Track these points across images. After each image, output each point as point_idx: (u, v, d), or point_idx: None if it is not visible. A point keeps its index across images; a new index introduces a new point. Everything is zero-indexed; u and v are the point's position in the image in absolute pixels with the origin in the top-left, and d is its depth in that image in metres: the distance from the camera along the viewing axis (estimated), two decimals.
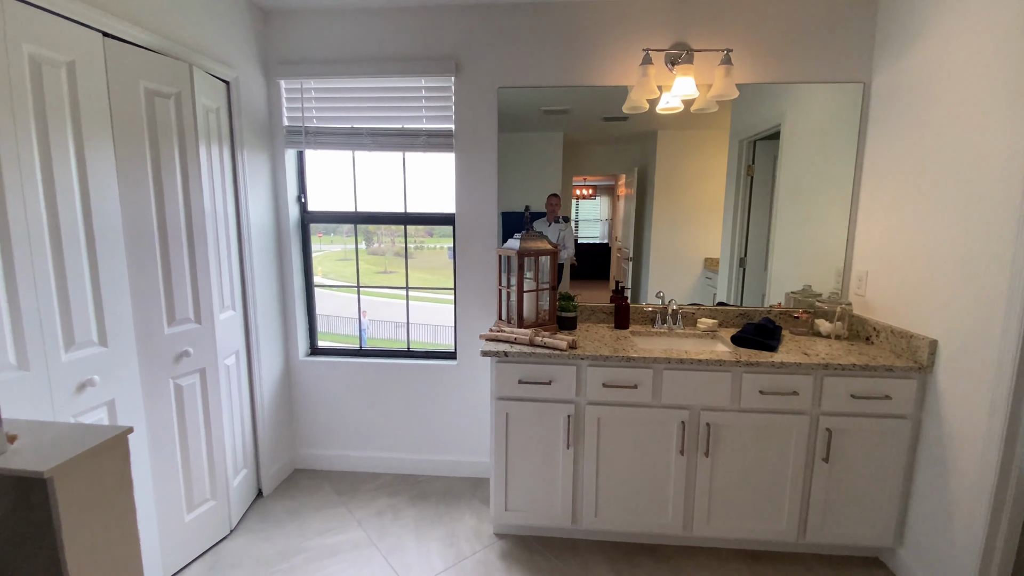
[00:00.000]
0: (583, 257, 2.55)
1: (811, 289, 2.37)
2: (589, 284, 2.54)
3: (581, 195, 2.47)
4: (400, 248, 15.64)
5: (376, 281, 10.15)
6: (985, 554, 1.55)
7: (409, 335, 2.76)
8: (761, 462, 1.94)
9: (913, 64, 1.93)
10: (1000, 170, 1.54)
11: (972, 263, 1.63)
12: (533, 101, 2.33)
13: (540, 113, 2.35)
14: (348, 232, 2.96)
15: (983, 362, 1.58)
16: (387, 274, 8.38)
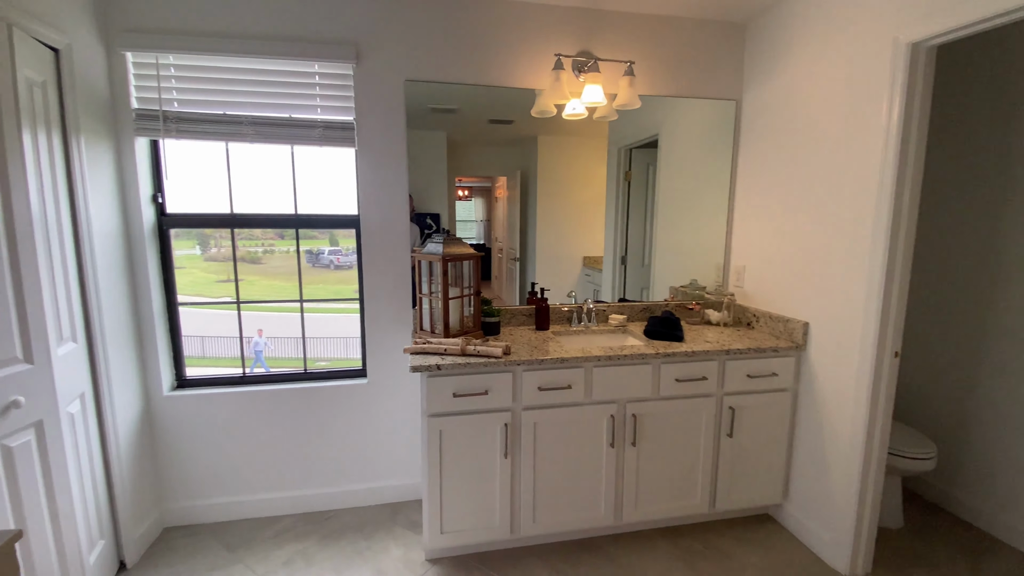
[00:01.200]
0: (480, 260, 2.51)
1: (697, 283, 2.65)
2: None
3: (458, 196, 2.42)
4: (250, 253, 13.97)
5: (215, 292, 8.84)
6: (860, 497, 1.88)
7: (306, 354, 2.44)
8: (678, 444, 2.10)
9: (776, 87, 2.25)
10: (854, 178, 1.87)
11: (835, 255, 1.96)
12: (421, 98, 2.21)
13: (427, 111, 2.24)
14: (183, 237, 2.49)
15: (848, 339, 1.91)
16: (228, 283, 7.34)
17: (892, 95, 1.71)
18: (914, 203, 1.74)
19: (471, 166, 2.41)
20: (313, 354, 8.52)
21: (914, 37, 1.64)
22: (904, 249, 1.75)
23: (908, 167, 1.71)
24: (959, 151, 2.33)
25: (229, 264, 2.31)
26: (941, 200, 2.42)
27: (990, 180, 2.21)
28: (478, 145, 2.39)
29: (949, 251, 2.38)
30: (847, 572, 1.93)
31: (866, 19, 1.81)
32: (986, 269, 2.23)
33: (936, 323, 2.45)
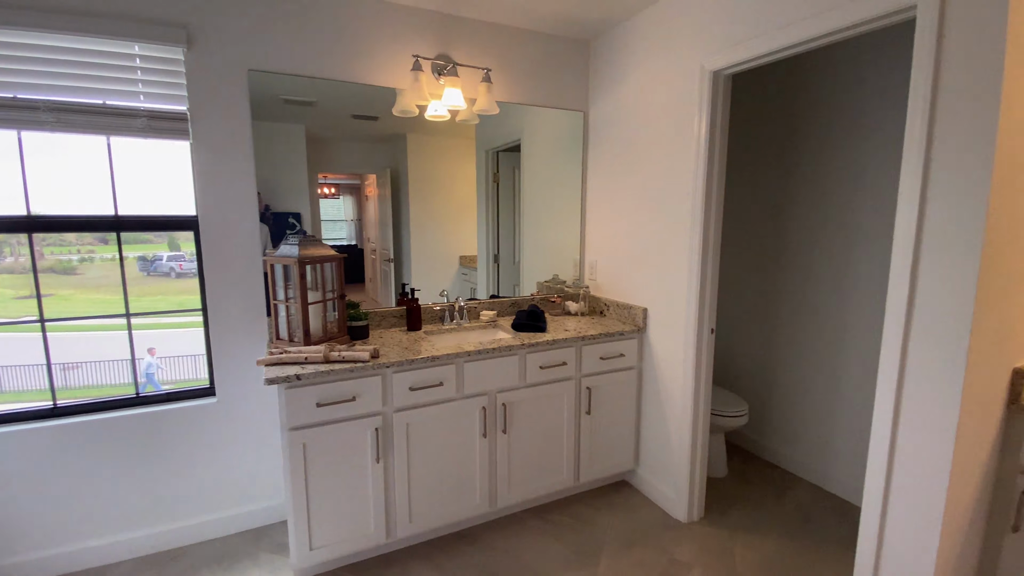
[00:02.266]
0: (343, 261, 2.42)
1: (558, 277, 2.87)
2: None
3: (323, 194, 2.35)
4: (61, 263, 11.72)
5: (13, 311, 7.28)
6: (692, 454, 2.21)
7: (136, 376, 2.13)
8: (545, 427, 2.26)
9: (616, 101, 2.53)
10: (677, 183, 2.18)
11: (665, 249, 2.27)
12: (272, 87, 2.08)
13: (280, 102, 2.13)
14: None
15: (676, 320, 2.23)
16: (28, 299, 6.03)
17: (700, 113, 2.03)
18: (719, 204, 2.08)
19: (336, 162, 2.32)
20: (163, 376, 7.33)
21: (715, 66, 1.97)
22: (713, 244, 2.09)
23: (714, 173, 2.05)
24: (757, 159, 2.83)
25: (30, 276, 1.92)
26: (745, 202, 2.92)
27: (777, 185, 2.73)
28: (342, 141, 2.30)
29: (751, 244, 2.89)
30: (685, 519, 2.26)
31: (680, 48, 2.12)
32: (777, 258, 2.75)
33: (744, 304, 2.96)
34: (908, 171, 1.39)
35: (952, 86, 1.30)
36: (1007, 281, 1.35)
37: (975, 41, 1.25)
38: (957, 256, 1.31)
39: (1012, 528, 1.49)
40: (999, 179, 1.25)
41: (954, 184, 1.31)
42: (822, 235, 2.51)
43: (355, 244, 2.52)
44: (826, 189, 2.48)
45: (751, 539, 2.15)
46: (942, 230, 1.34)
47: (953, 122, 1.30)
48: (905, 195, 1.41)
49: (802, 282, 2.62)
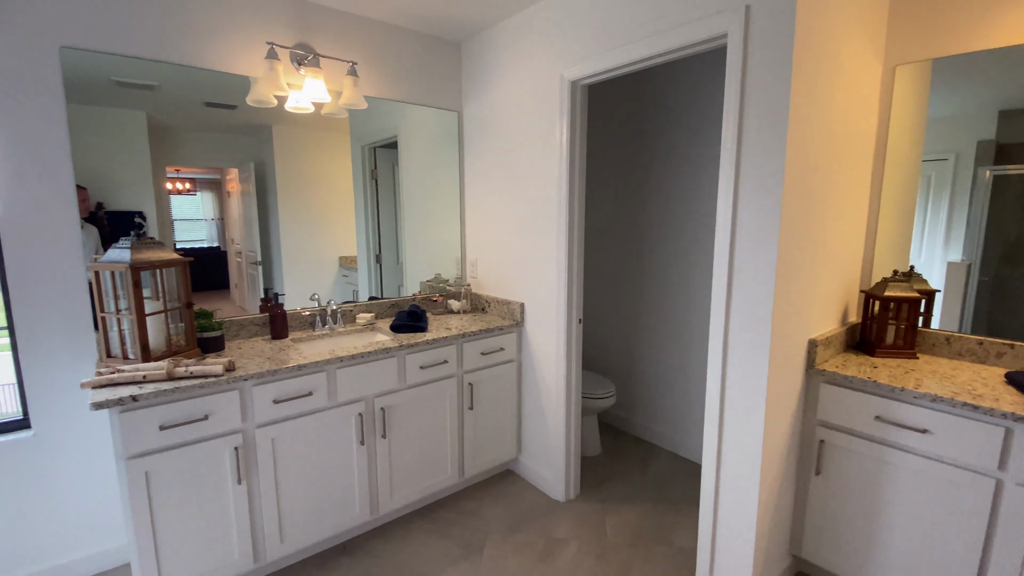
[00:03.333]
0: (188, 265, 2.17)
1: (441, 276, 2.87)
2: (204, 296, 2.22)
3: (176, 189, 2.12)
4: None
5: None
6: (567, 436, 2.35)
7: None
8: (428, 427, 2.26)
9: (488, 103, 2.59)
10: (544, 184, 2.30)
11: (537, 246, 2.38)
12: (101, 67, 1.81)
13: (111, 84, 1.87)
14: None
15: (548, 312, 2.36)
16: None
17: (562, 119, 2.17)
18: (581, 205, 2.24)
19: (190, 154, 2.07)
20: None
21: (572, 76, 2.11)
22: (578, 241, 2.24)
23: (576, 176, 2.20)
24: (621, 161, 3.09)
25: None
26: (609, 200, 3.17)
27: (635, 186, 3.00)
28: (196, 130, 2.06)
29: (615, 240, 3.15)
30: (563, 499, 2.41)
31: (542, 57, 2.24)
32: (638, 252, 3.03)
33: (610, 295, 3.22)
34: (725, 177, 1.62)
35: (754, 105, 1.54)
36: (797, 270, 1.64)
37: (770, 69, 1.49)
38: (760, 249, 1.56)
39: (815, 472, 1.81)
40: (789, 185, 1.51)
41: (756, 188, 1.55)
42: (672, 232, 2.82)
43: (218, 246, 2.28)
44: (673, 190, 2.78)
45: (620, 509, 2.35)
46: (749, 227, 1.58)
47: (755, 137, 1.54)
48: (723, 197, 1.63)
49: (658, 273, 2.92)
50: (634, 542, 2.13)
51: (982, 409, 1.42)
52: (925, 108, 1.88)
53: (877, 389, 1.63)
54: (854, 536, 1.73)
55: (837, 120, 1.71)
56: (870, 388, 1.65)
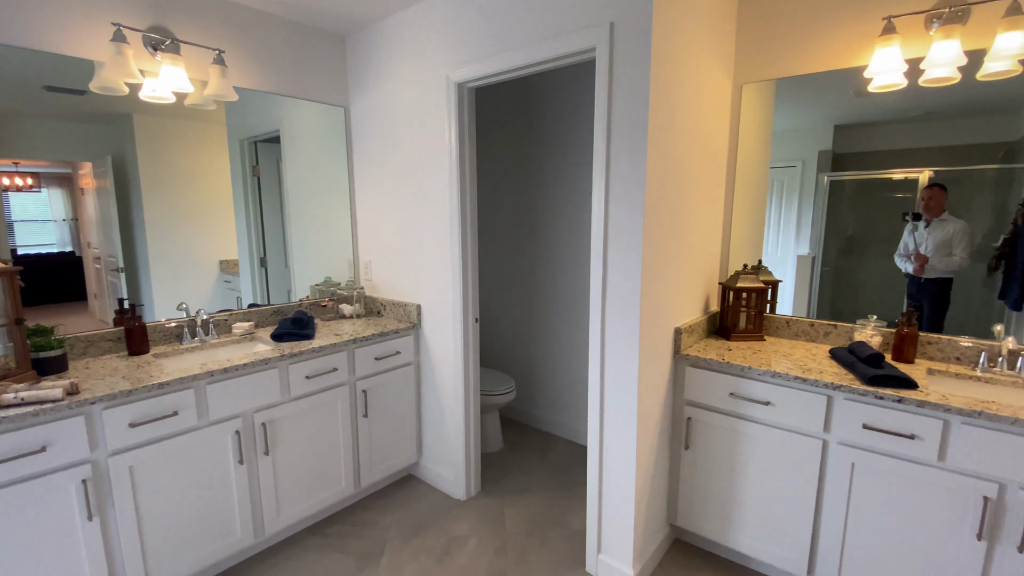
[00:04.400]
0: (34, 274, 1.88)
1: (331, 280, 2.75)
2: (56, 310, 1.94)
3: (14, 185, 1.84)
4: None
5: None
6: (466, 435, 2.38)
7: None
8: (317, 438, 2.16)
9: (376, 100, 2.53)
10: (435, 185, 2.30)
11: (432, 247, 2.38)
12: None
13: None
14: None
15: (445, 313, 2.36)
16: None
17: (450, 120, 2.18)
18: (473, 205, 2.27)
19: (29, 145, 1.78)
20: None
21: (458, 78, 2.13)
22: (472, 241, 2.28)
23: (466, 176, 2.23)
24: (517, 161, 3.17)
25: None
26: (503, 201, 3.24)
27: (528, 186, 3.11)
28: (35, 117, 1.78)
29: (510, 240, 3.23)
30: (464, 497, 2.43)
31: (428, 57, 2.24)
32: (533, 251, 3.14)
33: (506, 293, 3.30)
34: (597, 183, 1.74)
35: (620, 116, 1.67)
36: (662, 267, 1.81)
37: (632, 82, 1.63)
38: (628, 249, 1.70)
39: (685, 446, 2.01)
40: (651, 191, 1.66)
41: (623, 194, 1.68)
42: (564, 231, 2.96)
43: (72, 251, 1.98)
44: (564, 191, 2.92)
45: (520, 500, 2.43)
46: (619, 229, 1.71)
47: (621, 144, 1.67)
48: (596, 202, 1.75)
49: (552, 271, 3.05)
50: (531, 530, 2.21)
51: (809, 381, 1.68)
52: (771, 121, 2.16)
53: (730, 369, 1.85)
54: (719, 500, 1.95)
55: (693, 131, 1.91)
56: (725, 369, 1.86)
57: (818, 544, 1.74)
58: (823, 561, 1.73)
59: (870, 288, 2.02)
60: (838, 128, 2.02)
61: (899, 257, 1.94)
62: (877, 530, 1.62)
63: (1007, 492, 1.41)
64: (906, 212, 1.91)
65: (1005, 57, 1.60)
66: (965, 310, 1.83)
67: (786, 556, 1.81)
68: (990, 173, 1.75)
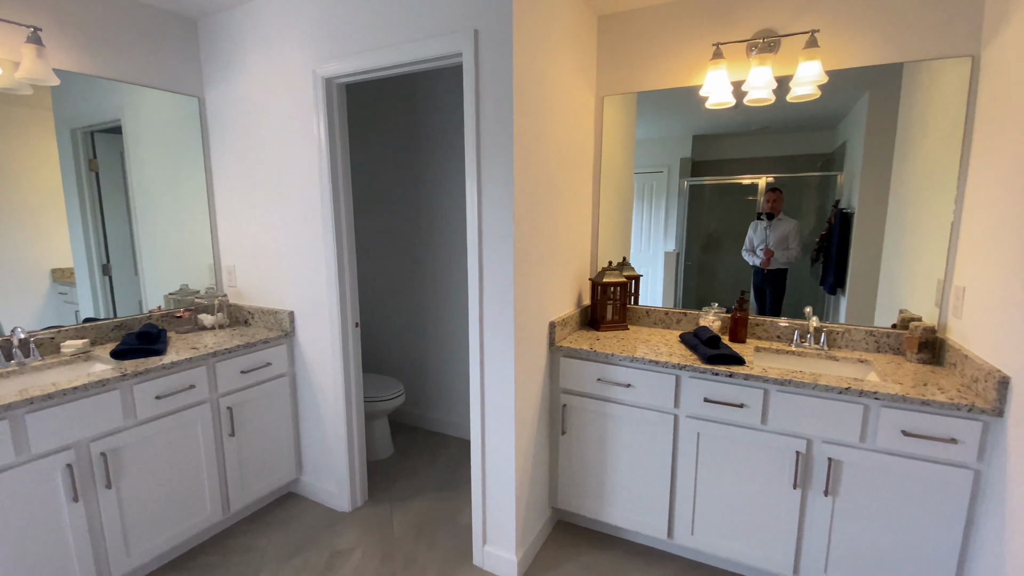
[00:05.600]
0: None
1: (188, 287, 2.49)
2: None
3: None
4: None
5: None
6: (349, 445, 2.29)
7: None
8: (173, 463, 1.94)
9: (236, 91, 2.34)
10: (305, 183, 2.19)
11: (304, 250, 2.26)
12: None
13: None
14: None
15: (321, 318, 2.26)
16: None
17: (319, 116, 2.09)
18: (348, 205, 2.20)
19: None
20: None
21: (326, 74, 2.05)
22: (348, 243, 2.20)
23: (339, 176, 2.15)
24: (395, 166, 3.12)
25: None
26: (387, 202, 3.18)
27: (411, 188, 3.08)
28: None
29: (394, 241, 3.18)
30: (349, 509, 2.35)
31: (294, 49, 2.12)
32: (420, 253, 3.11)
33: (392, 295, 3.24)
34: (470, 185, 1.79)
35: (488, 121, 1.73)
36: (533, 265, 1.91)
37: (498, 88, 1.69)
38: (501, 248, 1.76)
39: (562, 432, 2.14)
40: (519, 193, 1.75)
41: (494, 196, 1.75)
42: (449, 231, 2.98)
43: None
44: (448, 191, 2.94)
45: (409, 505, 2.40)
46: (492, 229, 1.78)
47: (490, 146, 1.74)
48: (470, 204, 1.80)
49: (438, 271, 3.05)
50: (420, 533, 2.20)
51: (661, 363, 1.88)
52: (634, 130, 2.37)
53: (597, 357, 2.00)
54: (593, 479, 2.11)
55: (560, 138, 2.04)
56: (593, 357, 2.02)
57: (675, 506, 1.96)
58: (679, 520, 1.95)
59: (725, 279, 2.31)
60: (696, 138, 2.27)
61: (746, 252, 2.25)
62: (720, 488, 1.87)
63: (813, 446, 1.70)
64: (761, 213, 2.20)
65: (806, 83, 1.93)
66: (798, 296, 2.16)
67: (650, 522, 2.00)
68: (813, 180, 2.09)
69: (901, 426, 1.55)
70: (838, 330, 2.04)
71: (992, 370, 1.45)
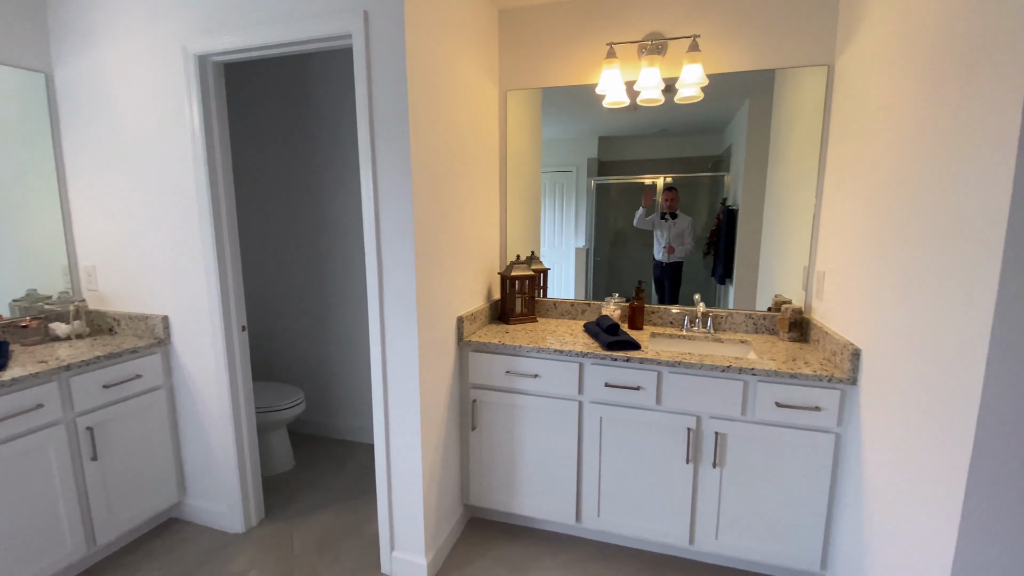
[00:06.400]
0: None
1: (37, 293, 2.14)
2: None
3: None
4: None
5: None
6: (239, 462, 2.09)
7: None
8: (20, 496, 1.65)
9: (91, 69, 2.04)
10: (175, 174, 1.96)
11: (180, 248, 2.02)
12: None
13: None
14: None
15: (201, 324, 2.04)
16: None
17: (191, 98, 1.88)
18: (230, 198, 2.01)
19: None
20: None
21: (198, 50, 1.85)
22: (230, 238, 2.01)
23: (218, 166, 1.95)
24: (292, 156, 2.90)
25: None
26: (282, 197, 2.95)
27: (315, 182, 2.88)
28: None
29: (291, 238, 2.96)
30: (242, 530, 2.15)
31: (159, 21, 1.89)
32: (320, 249, 2.92)
33: (290, 296, 3.02)
34: (365, 178, 1.70)
35: (382, 109, 1.65)
36: (437, 260, 1.85)
37: (391, 73, 1.62)
38: (401, 244, 1.70)
39: (472, 428, 2.11)
40: (419, 186, 1.69)
41: (392, 189, 1.68)
42: (350, 226, 2.83)
43: None
44: (349, 182, 2.79)
45: (311, 519, 2.25)
46: (391, 225, 1.70)
47: (385, 135, 1.66)
48: (366, 197, 1.71)
49: (339, 269, 2.89)
50: (322, 547, 2.06)
51: (565, 352, 1.91)
52: (540, 127, 2.39)
53: (505, 350, 2.00)
54: (504, 472, 2.10)
55: (462, 130, 2.00)
56: (501, 350, 2.01)
57: (582, 491, 2.01)
58: (586, 504, 2.01)
59: (631, 272, 2.40)
60: (601, 139, 2.34)
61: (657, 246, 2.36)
62: (622, 469, 1.94)
63: (702, 422, 1.82)
64: (664, 212, 2.31)
65: (690, 84, 2.06)
66: (694, 286, 2.31)
67: (559, 509, 2.04)
68: (704, 180, 2.24)
69: (775, 398, 1.71)
70: (722, 314, 2.21)
71: (846, 343, 1.63)
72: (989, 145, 1.00)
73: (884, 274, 1.44)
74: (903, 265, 1.33)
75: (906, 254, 1.32)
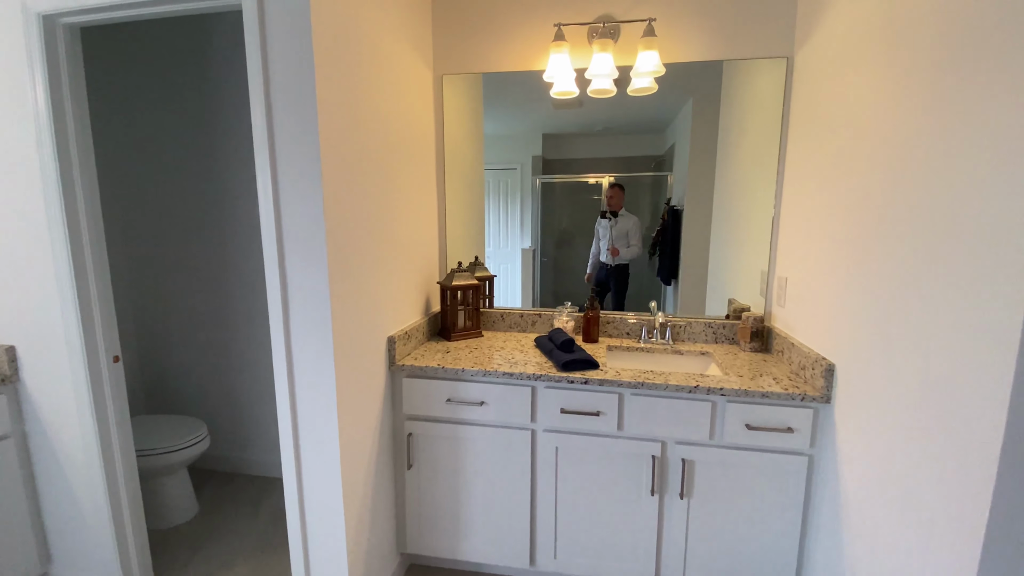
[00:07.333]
0: None
1: None
2: None
3: None
4: None
5: None
6: (114, 519, 1.69)
7: None
8: None
9: None
10: (13, 164, 1.54)
11: (27, 261, 1.59)
12: None
13: None
14: None
15: (58, 358, 1.62)
16: None
17: (34, 69, 1.47)
18: (92, 198, 1.60)
19: None
20: None
21: (43, 9, 1.44)
22: (94, 249, 1.60)
23: (73, 156, 1.54)
24: (188, 147, 2.45)
25: None
26: (176, 198, 2.50)
27: (214, 181, 2.46)
28: None
29: (182, 256, 2.52)
30: None
31: None
32: (222, 260, 2.50)
33: (184, 322, 2.57)
34: (262, 177, 1.37)
35: (281, 86, 1.33)
36: (360, 268, 1.55)
37: (293, 49, 1.30)
38: (310, 251, 1.38)
39: (408, 466, 1.82)
40: (331, 183, 1.38)
41: (296, 188, 1.36)
42: (253, 230, 2.43)
43: None
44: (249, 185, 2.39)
45: (218, 573, 1.88)
46: (296, 231, 1.38)
47: (287, 120, 1.34)
48: (263, 199, 1.38)
49: (245, 282, 2.49)
50: None
51: (515, 375, 1.66)
52: (482, 118, 2.14)
53: (446, 374, 1.73)
54: (447, 515, 1.83)
55: (389, 118, 1.70)
56: (441, 374, 1.74)
57: (536, 531, 1.78)
58: (541, 545, 1.77)
59: (578, 272, 2.22)
60: (545, 136, 2.15)
61: (595, 248, 2.18)
62: (582, 505, 1.72)
63: (668, 448, 1.63)
64: (605, 210, 2.13)
65: (645, 74, 1.87)
66: (639, 287, 2.15)
67: (511, 552, 1.79)
68: (648, 179, 2.09)
69: (745, 420, 1.54)
70: (681, 323, 2.05)
71: (818, 357, 1.49)
72: (991, 144, 0.84)
73: (862, 283, 1.29)
74: (888, 275, 1.18)
75: (891, 264, 1.17)
